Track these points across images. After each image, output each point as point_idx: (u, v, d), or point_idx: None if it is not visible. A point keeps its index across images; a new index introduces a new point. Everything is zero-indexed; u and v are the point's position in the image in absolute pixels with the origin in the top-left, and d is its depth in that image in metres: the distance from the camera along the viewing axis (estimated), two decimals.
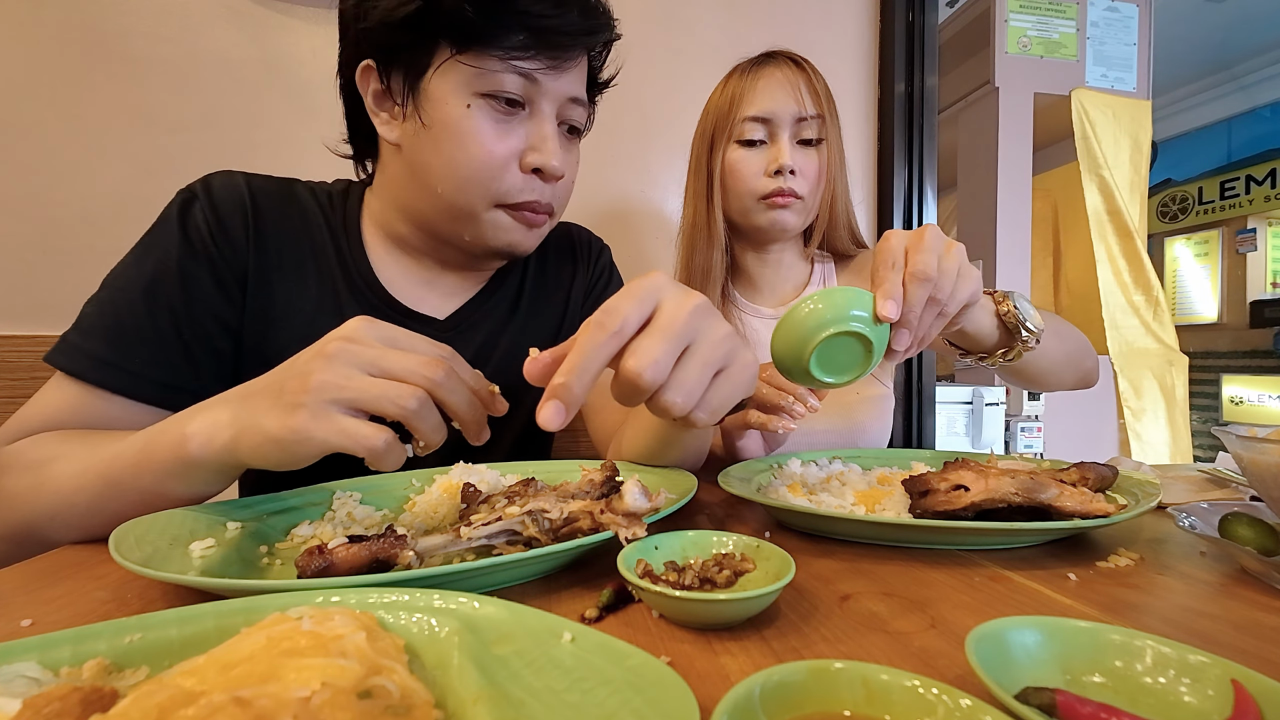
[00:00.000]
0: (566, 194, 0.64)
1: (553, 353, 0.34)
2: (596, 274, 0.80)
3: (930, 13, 1.44)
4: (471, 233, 0.60)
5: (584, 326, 0.34)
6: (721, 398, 0.37)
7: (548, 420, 0.32)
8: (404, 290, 0.65)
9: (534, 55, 0.54)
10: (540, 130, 0.57)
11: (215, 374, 0.57)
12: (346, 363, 0.37)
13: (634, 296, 0.34)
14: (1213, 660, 0.22)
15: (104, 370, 0.51)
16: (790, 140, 0.81)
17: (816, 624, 0.30)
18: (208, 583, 0.29)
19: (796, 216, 0.84)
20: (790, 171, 0.80)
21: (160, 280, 0.55)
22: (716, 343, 0.36)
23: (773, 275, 0.93)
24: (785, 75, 0.82)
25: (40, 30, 1.03)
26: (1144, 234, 2.14)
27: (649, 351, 0.33)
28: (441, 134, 0.55)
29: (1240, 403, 3.58)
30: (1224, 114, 3.94)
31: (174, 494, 0.42)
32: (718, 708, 0.18)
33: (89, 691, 0.19)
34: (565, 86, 0.58)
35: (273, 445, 0.37)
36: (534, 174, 0.58)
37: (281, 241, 0.61)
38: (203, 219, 0.57)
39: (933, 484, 0.43)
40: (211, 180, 0.60)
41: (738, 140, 0.83)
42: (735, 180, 0.84)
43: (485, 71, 0.54)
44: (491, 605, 0.25)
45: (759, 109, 0.81)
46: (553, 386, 0.32)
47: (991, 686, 0.20)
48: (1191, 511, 0.42)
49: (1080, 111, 2.00)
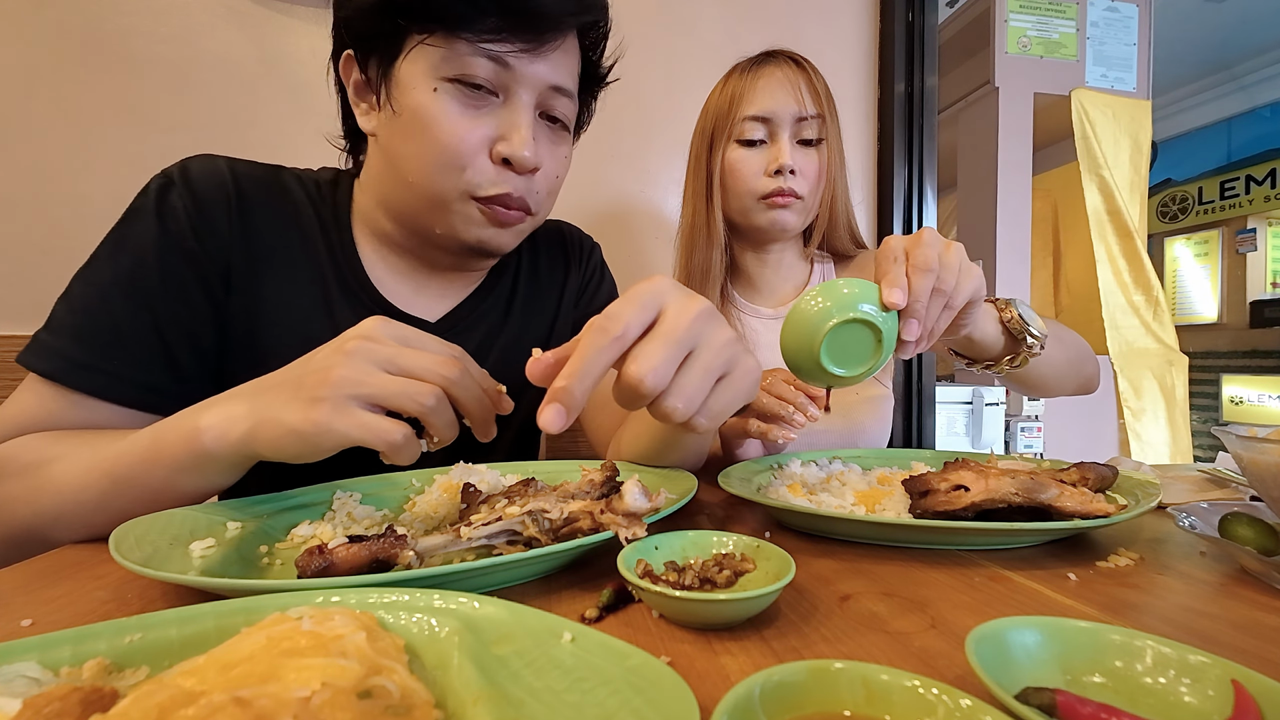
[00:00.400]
0: (548, 191, 0.60)
1: (555, 353, 0.35)
2: (588, 273, 0.79)
3: (930, 13, 1.44)
4: (443, 225, 0.57)
5: (586, 329, 0.34)
6: (723, 404, 0.37)
7: (549, 423, 0.32)
8: (395, 290, 0.64)
9: (506, 37, 0.51)
10: (512, 118, 0.54)
11: (198, 374, 0.55)
12: (366, 359, 0.38)
13: (637, 301, 0.34)
14: (1213, 660, 0.22)
15: (80, 373, 0.49)
16: (790, 140, 0.81)
17: (816, 624, 0.30)
18: (208, 583, 0.29)
19: (796, 216, 0.84)
20: (790, 171, 0.80)
21: (137, 274, 0.52)
22: (719, 349, 0.36)
23: (772, 275, 0.93)
24: (786, 74, 0.82)
25: (40, 30, 1.03)
26: (1144, 234, 2.14)
27: (650, 357, 0.33)
28: (411, 121, 0.53)
29: (1240, 403, 3.58)
30: (1224, 114, 3.95)
31: (185, 488, 0.43)
32: (718, 708, 0.18)
33: (89, 691, 0.19)
34: (544, 73, 0.54)
35: (293, 437, 0.37)
36: (506, 166, 0.55)
37: (270, 234, 0.58)
38: (182, 207, 0.54)
39: (933, 484, 0.43)
40: (190, 165, 0.57)
41: (738, 140, 0.83)
42: (735, 180, 0.83)
43: (453, 55, 0.51)
44: (491, 605, 0.25)
45: (759, 108, 0.81)
46: (554, 390, 0.32)
47: (991, 687, 0.20)
48: (1191, 511, 0.42)
49: (1080, 111, 2.00)
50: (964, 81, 2.07)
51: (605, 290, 0.80)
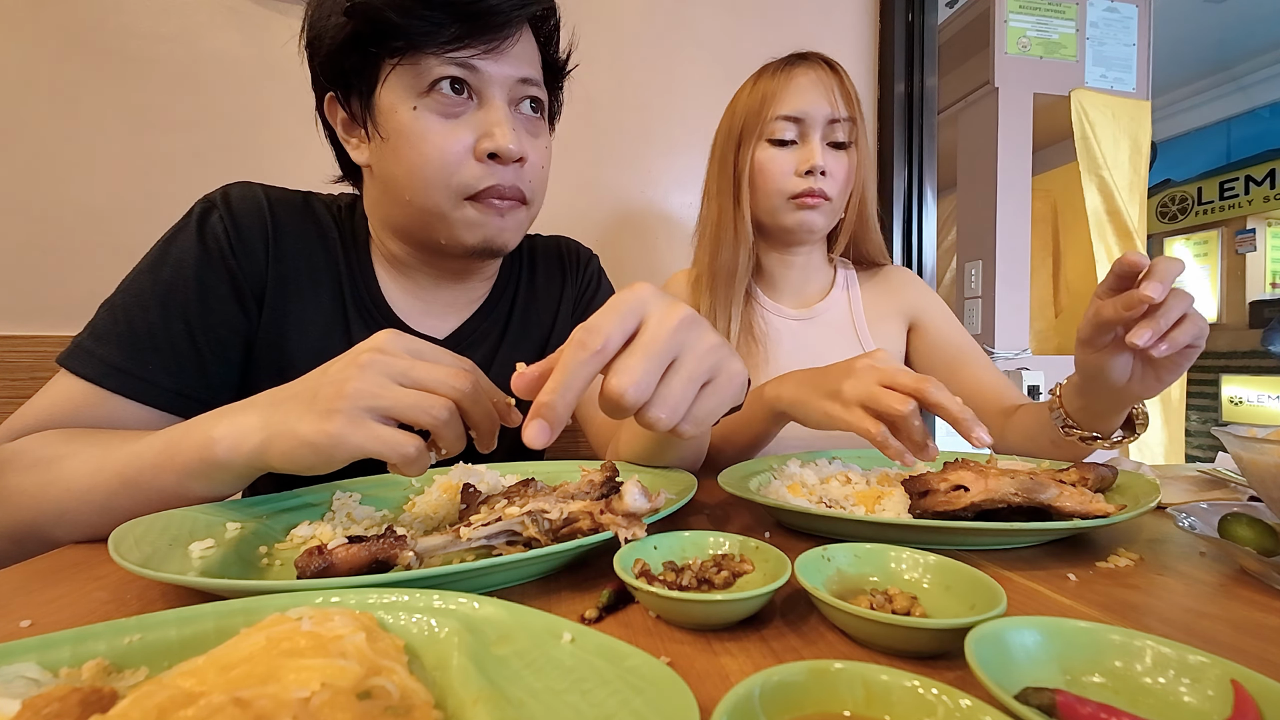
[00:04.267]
0: (537, 179, 0.62)
1: (538, 367, 0.35)
2: (585, 282, 0.80)
3: (930, 13, 1.44)
4: (446, 235, 0.60)
5: (567, 344, 0.34)
6: (707, 409, 0.37)
7: (533, 439, 0.32)
8: (406, 309, 0.67)
9: (468, 43, 0.54)
10: (490, 116, 0.56)
11: (223, 383, 0.58)
12: (380, 372, 0.39)
13: (617, 312, 0.34)
14: (1212, 660, 0.22)
15: (117, 376, 0.51)
16: (821, 141, 0.81)
17: (816, 624, 0.30)
18: (207, 583, 0.29)
19: (824, 218, 0.84)
20: (821, 172, 0.80)
21: (177, 288, 0.55)
22: (702, 355, 0.36)
23: (797, 277, 0.93)
24: (819, 76, 0.82)
25: (40, 30, 1.03)
26: (1143, 234, 2.14)
27: (631, 371, 0.33)
28: (399, 143, 0.56)
29: (1240, 403, 3.58)
30: (1223, 114, 3.95)
31: (194, 494, 0.43)
32: (717, 708, 0.18)
33: (88, 692, 0.19)
34: (509, 69, 0.57)
35: (307, 449, 0.38)
36: (493, 160, 0.57)
37: (299, 256, 0.62)
38: (222, 229, 0.58)
39: (932, 484, 0.43)
40: (230, 191, 0.61)
41: (768, 139, 0.83)
42: (764, 179, 0.83)
43: (424, 71, 0.54)
44: (491, 606, 0.25)
45: (792, 108, 0.81)
46: (537, 405, 0.32)
47: (991, 687, 0.20)
48: (1191, 512, 0.42)
49: (1080, 112, 1.99)
50: (964, 82, 2.07)
51: (602, 298, 0.81)
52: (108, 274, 0.59)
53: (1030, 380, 1.76)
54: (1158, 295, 0.45)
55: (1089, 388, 0.57)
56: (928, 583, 0.32)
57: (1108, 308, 0.50)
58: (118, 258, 1.11)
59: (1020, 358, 1.86)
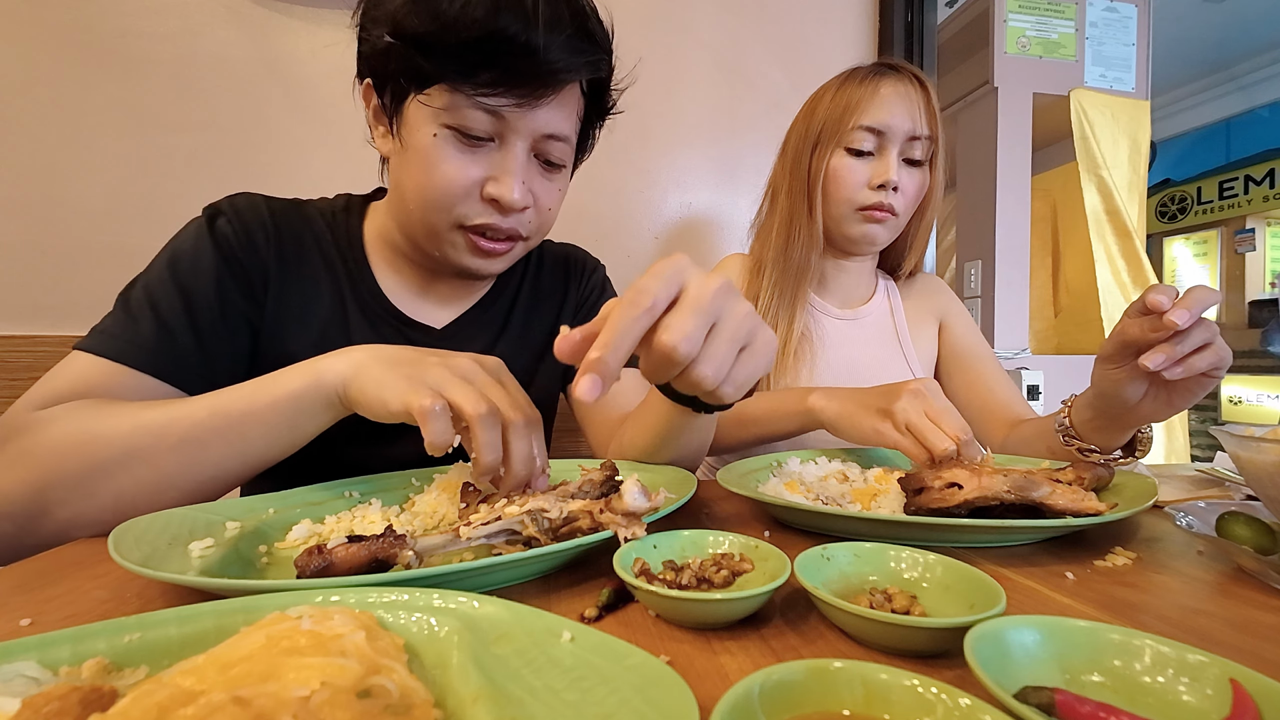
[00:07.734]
0: (540, 221, 0.63)
1: (582, 331, 0.35)
2: (588, 290, 0.81)
3: (929, 13, 1.44)
4: (438, 251, 0.62)
5: (613, 304, 0.34)
6: (747, 373, 0.38)
7: (585, 391, 0.33)
8: (404, 300, 0.69)
9: (503, 91, 0.53)
10: (504, 163, 0.57)
11: (230, 370, 0.59)
12: (455, 372, 0.44)
13: (660, 276, 0.35)
14: (1211, 659, 0.22)
15: (134, 351, 0.53)
16: (898, 156, 0.81)
17: (815, 623, 0.30)
18: (207, 583, 0.29)
19: (887, 232, 0.85)
20: (894, 188, 0.80)
21: (195, 278, 0.58)
22: (740, 319, 0.37)
23: (848, 280, 0.94)
24: (907, 90, 0.81)
25: (40, 30, 1.03)
26: (1143, 234, 2.14)
27: (681, 326, 0.34)
28: (413, 158, 0.57)
29: (1239, 402, 3.58)
30: (1223, 114, 3.95)
31: (303, 430, 0.48)
32: (717, 707, 0.18)
33: (88, 691, 0.19)
34: (538, 123, 0.57)
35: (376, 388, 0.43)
36: (495, 203, 0.58)
37: (297, 255, 0.65)
38: (230, 230, 0.61)
39: (927, 482, 0.44)
40: (235, 199, 0.65)
41: (846, 147, 0.82)
42: (837, 187, 0.83)
43: (453, 105, 0.54)
44: (491, 605, 0.25)
45: (875, 120, 0.80)
46: (588, 361, 0.33)
47: (990, 686, 0.20)
48: (1189, 510, 0.42)
49: (1079, 112, 1.99)
50: (963, 81, 2.07)
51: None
52: (107, 274, 0.59)
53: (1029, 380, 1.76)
54: (1183, 322, 0.45)
55: (1100, 403, 0.58)
56: (927, 582, 0.32)
57: (1133, 327, 0.50)
58: (117, 258, 1.11)
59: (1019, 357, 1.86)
